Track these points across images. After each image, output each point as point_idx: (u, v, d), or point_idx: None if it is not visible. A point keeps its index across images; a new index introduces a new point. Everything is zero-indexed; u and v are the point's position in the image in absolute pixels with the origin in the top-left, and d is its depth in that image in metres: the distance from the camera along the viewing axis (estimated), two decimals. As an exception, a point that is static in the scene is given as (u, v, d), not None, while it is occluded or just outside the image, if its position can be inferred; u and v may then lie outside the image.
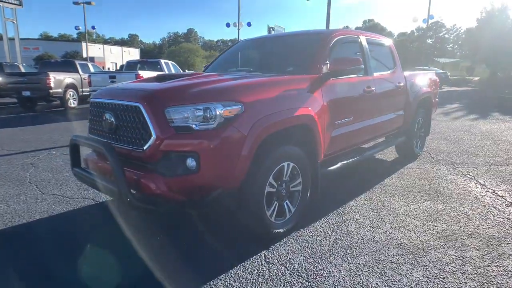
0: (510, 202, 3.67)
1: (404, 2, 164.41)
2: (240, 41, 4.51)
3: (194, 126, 2.38)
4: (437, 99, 6.01)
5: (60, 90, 12.97)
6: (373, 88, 3.94)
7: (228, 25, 32.92)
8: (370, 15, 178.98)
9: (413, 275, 2.38)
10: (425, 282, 2.30)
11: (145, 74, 12.00)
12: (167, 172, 2.41)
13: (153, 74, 12.56)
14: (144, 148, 2.42)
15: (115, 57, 63.58)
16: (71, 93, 13.56)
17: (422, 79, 5.35)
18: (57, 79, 12.84)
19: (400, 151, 5.32)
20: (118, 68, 47.31)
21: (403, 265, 2.50)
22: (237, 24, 31.27)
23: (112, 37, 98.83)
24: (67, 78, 13.42)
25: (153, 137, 2.38)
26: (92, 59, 38.79)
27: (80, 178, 2.95)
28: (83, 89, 14.17)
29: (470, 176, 4.52)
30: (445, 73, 28.35)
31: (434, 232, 3.00)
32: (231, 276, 2.39)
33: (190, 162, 2.38)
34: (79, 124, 9.54)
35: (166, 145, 2.38)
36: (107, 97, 2.80)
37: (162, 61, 14.21)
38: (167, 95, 2.49)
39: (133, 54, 70.16)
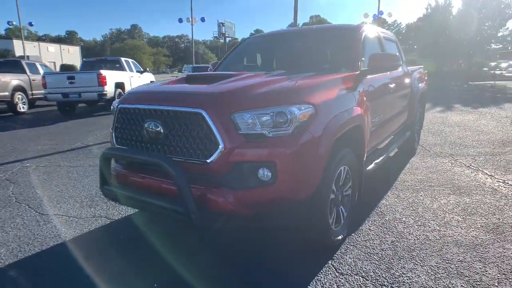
0: (525, 191, 3.84)
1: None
2: (250, 38, 4.25)
3: (266, 132, 2.15)
4: (425, 93, 6.21)
5: (6, 93, 11.74)
6: (393, 84, 3.92)
7: (180, 20, 31.94)
8: (316, 11, 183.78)
9: (489, 273, 2.36)
10: (504, 279, 2.29)
11: (107, 73, 11.23)
12: (237, 185, 2.16)
13: (114, 73, 11.95)
14: (209, 160, 2.14)
15: (53, 56, 58.83)
16: (20, 96, 12.32)
17: (419, 74, 5.48)
18: (2, 81, 11.58)
19: (403, 146, 5.39)
20: (58, 69, 43.84)
21: (473, 263, 2.47)
22: (190, 19, 30.41)
23: (47, 34, 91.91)
24: (14, 79, 12.17)
25: (221, 147, 2.11)
26: (27, 58, 35.55)
27: (114, 198, 2.57)
28: (33, 92, 12.95)
29: (474, 168, 4.70)
30: None
31: (479, 226, 3.03)
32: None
33: (263, 173, 2.15)
34: (38, 131, 8.64)
35: (236, 155, 2.12)
36: (146, 102, 2.45)
37: (122, 59, 13.36)
38: (233, 99, 2.22)
39: (73, 52, 65.53)
